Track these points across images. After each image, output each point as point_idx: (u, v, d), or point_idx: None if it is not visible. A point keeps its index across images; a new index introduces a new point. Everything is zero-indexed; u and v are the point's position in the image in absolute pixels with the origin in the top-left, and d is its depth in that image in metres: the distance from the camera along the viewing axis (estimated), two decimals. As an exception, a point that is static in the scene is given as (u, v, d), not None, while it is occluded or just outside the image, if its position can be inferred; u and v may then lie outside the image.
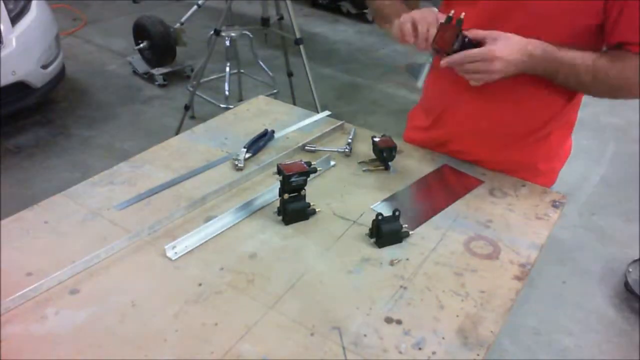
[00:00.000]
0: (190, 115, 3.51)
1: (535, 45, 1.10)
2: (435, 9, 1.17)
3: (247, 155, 1.34)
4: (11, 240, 1.06)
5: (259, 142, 1.39)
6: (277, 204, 1.16)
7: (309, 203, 1.15)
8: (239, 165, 1.31)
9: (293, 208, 1.13)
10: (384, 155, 1.29)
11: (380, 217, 1.07)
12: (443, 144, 1.38)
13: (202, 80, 3.55)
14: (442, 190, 1.27)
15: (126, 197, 1.20)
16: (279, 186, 1.13)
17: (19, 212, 1.14)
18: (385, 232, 1.07)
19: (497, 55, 1.07)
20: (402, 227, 1.09)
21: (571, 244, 2.52)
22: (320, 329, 0.90)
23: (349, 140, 1.41)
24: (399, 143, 1.43)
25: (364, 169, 1.32)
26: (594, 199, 2.82)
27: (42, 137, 3.24)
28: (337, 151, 1.38)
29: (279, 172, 1.10)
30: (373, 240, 1.10)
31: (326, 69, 4.31)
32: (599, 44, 1.16)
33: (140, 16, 3.96)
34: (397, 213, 1.08)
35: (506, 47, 1.08)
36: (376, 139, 1.30)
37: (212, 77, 3.63)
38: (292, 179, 1.09)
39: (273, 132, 1.44)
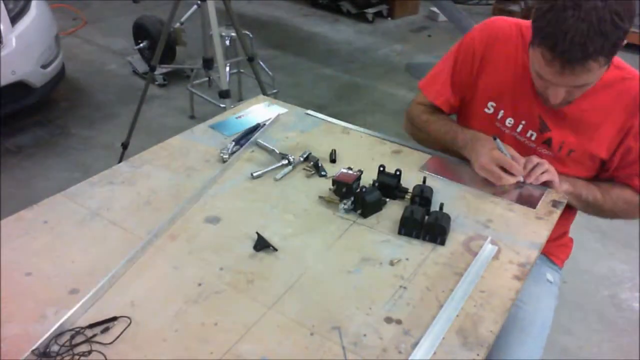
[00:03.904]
0: (190, 115, 3.51)
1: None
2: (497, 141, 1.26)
3: (235, 148, 1.36)
4: (11, 240, 1.06)
5: (249, 136, 1.41)
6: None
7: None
8: (225, 157, 1.32)
9: (370, 200, 1.16)
10: (343, 191, 1.20)
11: (364, 189, 1.16)
12: None
13: (201, 80, 3.55)
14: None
15: (126, 197, 1.20)
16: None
17: (19, 212, 1.14)
18: (369, 202, 1.16)
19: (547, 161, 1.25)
20: (381, 196, 1.18)
21: (571, 244, 2.51)
22: (320, 329, 0.90)
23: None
24: (396, 146, 1.43)
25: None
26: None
27: (42, 137, 3.23)
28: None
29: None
30: (359, 212, 1.17)
31: (326, 69, 4.31)
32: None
33: (140, 16, 3.96)
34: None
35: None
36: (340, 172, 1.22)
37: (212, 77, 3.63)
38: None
39: (264, 125, 1.46)
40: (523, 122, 1.33)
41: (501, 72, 1.33)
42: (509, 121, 1.35)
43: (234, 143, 1.38)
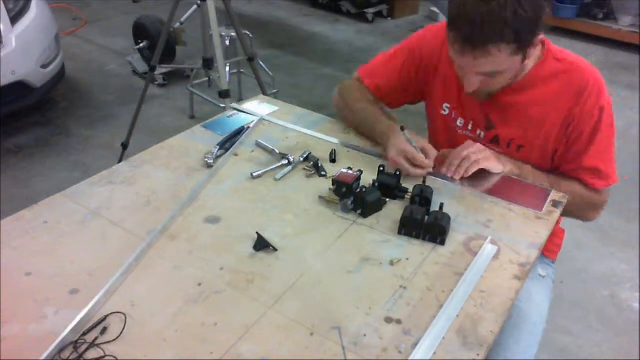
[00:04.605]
0: (190, 115, 3.51)
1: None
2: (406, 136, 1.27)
3: (220, 152, 1.35)
4: (11, 240, 1.06)
5: (234, 139, 1.41)
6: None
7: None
8: (209, 162, 1.31)
9: (370, 200, 1.16)
10: (343, 191, 1.19)
11: (364, 189, 1.17)
12: None
13: (201, 80, 3.55)
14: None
15: (126, 197, 1.20)
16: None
17: (19, 212, 1.14)
18: (369, 202, 1.15)
19: (479, 144, 1.25)
20: (382, 196, 1.18)
21: (571, 244, 2.52)
22: (320, 329, 0.90)
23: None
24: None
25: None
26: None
27: (42, 137, 3.23)
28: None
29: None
30: (359, 212, 1.17)
31: (326, 69, 4.30)
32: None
33: (140, 16, 3.96)
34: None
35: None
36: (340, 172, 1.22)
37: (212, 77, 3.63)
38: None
39: (248, 128, 1.46)
40: (471, 121, 1.37)
41: (452, 73, 1.36)
42: (460, 121, 1.40)
43: (218, 147, 1.37)
